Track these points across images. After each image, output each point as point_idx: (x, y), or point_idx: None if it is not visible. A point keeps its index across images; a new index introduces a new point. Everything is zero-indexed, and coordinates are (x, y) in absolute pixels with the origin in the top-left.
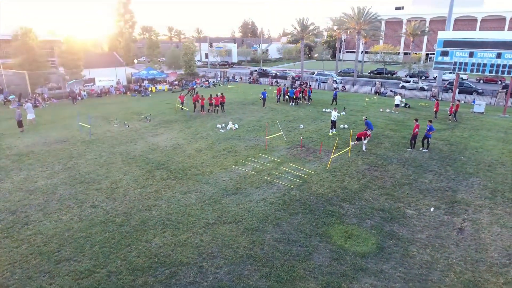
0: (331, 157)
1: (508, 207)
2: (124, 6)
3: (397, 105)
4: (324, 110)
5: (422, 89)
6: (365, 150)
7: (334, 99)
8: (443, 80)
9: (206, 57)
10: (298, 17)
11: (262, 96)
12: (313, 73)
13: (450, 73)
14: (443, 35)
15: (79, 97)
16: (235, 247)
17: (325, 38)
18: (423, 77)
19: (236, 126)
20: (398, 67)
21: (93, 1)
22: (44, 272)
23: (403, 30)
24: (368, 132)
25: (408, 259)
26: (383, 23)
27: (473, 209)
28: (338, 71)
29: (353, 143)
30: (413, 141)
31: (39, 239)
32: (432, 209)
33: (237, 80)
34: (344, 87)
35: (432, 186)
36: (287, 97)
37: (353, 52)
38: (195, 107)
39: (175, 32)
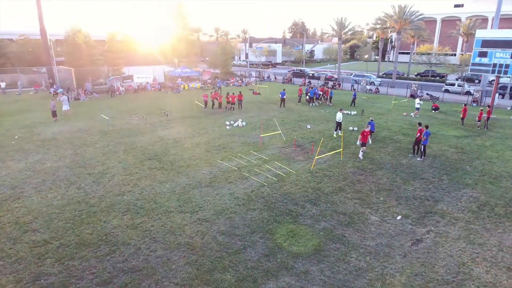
0: (315, 157)
1: (491, 222)
2: (177, 9)
3: (417, 109)
4: (343, 111)
5: (468, 93)
6: (361, 158)
7: (353, 100)
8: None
9: (246, 57)
10: (336, 16)
11: (280, 96)
12: (351, 74)
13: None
14: (481, 34)
15: (117, 92)
16: (178, 235)
17: (373, 38)
18: (476, 81)
19: (244, 123)
20: (449, 69)
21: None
22: (11, 238)
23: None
24: (366, 129)
25: (342, 263)
26: (438, 22)
27: (447, 221)
28: (382, 72)
29: (361, 152)
30: (416, 147)
31: (21, 212)
32: (399, 217)
33: (271, 79)
34: (378, 89)
35: (413, 194)
36: (307, 97)
37: (407, 53)
38: (213, 104)
39: (222, 33)
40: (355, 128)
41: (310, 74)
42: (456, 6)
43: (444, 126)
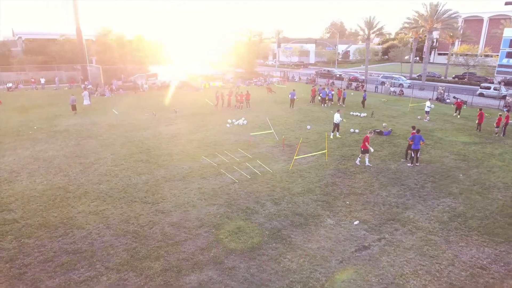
0: (294, 158)
1: (456, 235)
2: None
3: (426, 112)
4: (352, 113)
5: (505, 97)
6: (358, 164)
7: (363, 101)
8: None
9: (274, 57)
10: (365, 16)
11: (290, 97)
12: (379, 75)
13: None
14: (510, 33)
15: (141, 89)
16: (130, 223)
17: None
18: None
19: (245, 122)
20: (483, 71)
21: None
22: None
23: None
24: (369, 135)
25: (272, 263)
26: (485, 21)
27: (406, 230)
28: (417, 74)
29: (359, 158)
30: (409, 152)
31: (7, 193)
32: (356, 222)
33: (296, 80)
34: (402, 91)
35: (384, 200)
36: (319, 97)
37: (446, 54)
38: (223, 102)
39: (255, 33)
40: (357, 131)
41: (338, 75)
42: (507, 3)
43: (457, 131)
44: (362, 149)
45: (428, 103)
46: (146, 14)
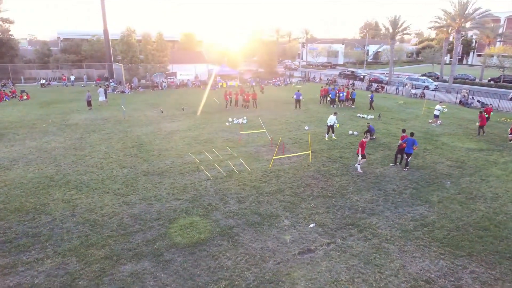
0: (273, 158)
1: (415, 245)
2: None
3: (436, 116)
4: (359, 115)
5: None
6: (360, 171)
7: (370, 103)
8: None
9: (298, 57)
10: (390, 15)
11: (295, 97)
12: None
13: None
14: None
15: (160, 88)
16: (94, 212)
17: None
18: None
19: (245, 121)
20: None
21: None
22: None
23: None
24: (365, 139)
25: (209, 259)
26: None
27: (362, 236)
28: (448, 76)
29: (358, 164)
30: (399, 156)
31: (0, 179)
32: (311, 225)
33: (316, 80)
34: (424, 94)
35: (352, 204)
36: (329, 98)
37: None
38: (230, 101)
39: (283, 33)
40: (355, 133)
41: (361, 76)
42: None
43: (466, 137)
44: (358, 154)
45: (437, 107)
46: (166, 13)
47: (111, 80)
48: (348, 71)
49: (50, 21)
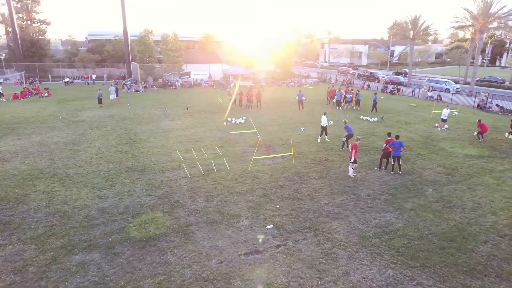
0: (253, 158)
1: (367, 252)
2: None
3: (443, 120)
4: (361, 117)
5: None
6: (352, 176)
7: (374, 105)
8: None
9: (317, 58)
10: (410, 14)
11: (297, 98)
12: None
13: None
14: None
15: (173, 87)
16: (68, 204)
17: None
18: None
19: (243, 121)
20: None
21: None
22: None
23: None
24: (357, 142)
25: (156, 254)
26: None
27: (316, 240)
28: (477, 79)
29: (352, 170)
30: (384, 160)
31: None
32: (269, 226)
33: (332, 81)
34: (440, 97)
35: (319, 208)
36: (334, 100)
37: None
38: (234, 101)
39: (305, 34)
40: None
41: (381, 77)
42: None
43: (469, 143)
44: (350, 158)
45: (445, 111)
46: (190, 13)
47: (129, 79)
48: (367, 72)
49: (87, 21)
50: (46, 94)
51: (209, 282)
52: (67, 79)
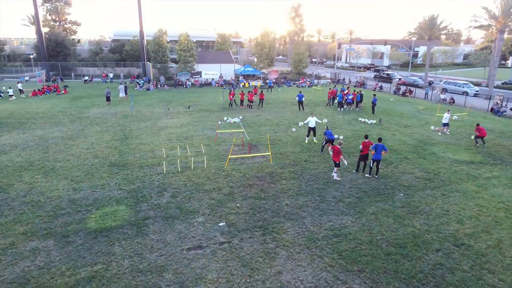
0: (229, 157)
1: (308, 254)
2: (295, 11)
3: (444, 124)
4: (360, 119)
5: None
6: (337, 179)
7: (373, 107)
8: None
9: (334, 58)
10: (426, 14)
11: (297, 99)
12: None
13: None
14: None
15: (184, 86)
16: (44, 195)
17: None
18: None
19: (238, 120)
20: None
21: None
22: None
23: None
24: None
25: (104, 244)
26: None
27: (262, 239)
28: (502, 81)
29: (335, 172)
30: (361, 163)
31: None
32: (221, 224)
33: (345, 82)
34: (453, 99)
35: (278, 208)
36: (336, 101)
37: None
38: (235, 101)
39: (327, 33)
40: (341, 137)
41: (398, 79)
42: None
43: (464, 148)
44: (334, 161)
45: (445, 114)
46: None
47: (143, 78)
48: (384, 74)
49: (118, 22)
50: (63, 92)
51: (142, 274)
52: (86, 77)
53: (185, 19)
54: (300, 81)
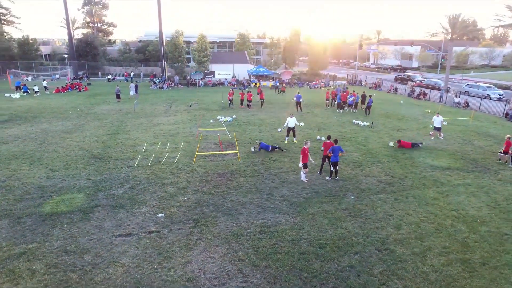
0: (196, 153)
1: (222, 247)
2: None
3: (436, 128)
4: (354, 121)
5: None
6: (305, 181)
7: (368, 108)
8: None
9: (355, 59)
10: (448, 13)
11: (295, 99)
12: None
13: None
14: None
15: (197, 85)
16: (20, 181)
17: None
18: None
19: (231, 119)
20: None
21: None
22: None
23: None
24: (306, 146)
25: (47, 226)
26: None
27: (189, 231)
28: None
29: (304, 175)
30: (323, 164)
31: None
32: (160, 215)
33: (362, 84)
34: (467, 103)
35: (221, 204)
36: (335, 102)
37: None
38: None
39: (353, 35)
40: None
41: (418, 81)
42: None
43: (448, 153)
44: (302, 163)
45: (435, 118)
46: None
47: (162, 77)
48: (405, 75)
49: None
50: (84, 89)
51: (66, 254)
52: (109, 76)
53: (217, 19)
54: (314, 82)
